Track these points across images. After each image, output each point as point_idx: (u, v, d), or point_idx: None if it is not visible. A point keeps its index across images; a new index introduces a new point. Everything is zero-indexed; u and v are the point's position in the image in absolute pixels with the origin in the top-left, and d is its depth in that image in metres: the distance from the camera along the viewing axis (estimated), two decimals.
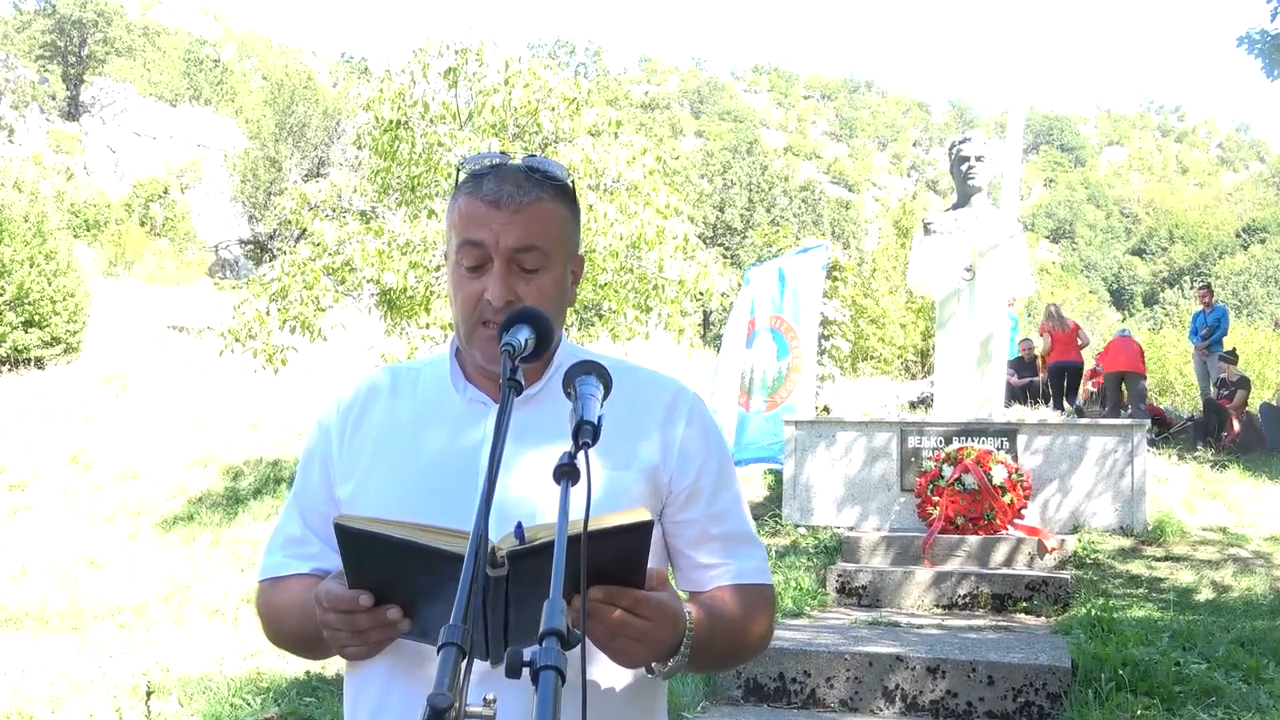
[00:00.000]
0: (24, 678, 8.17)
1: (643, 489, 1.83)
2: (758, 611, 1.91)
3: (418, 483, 1.80)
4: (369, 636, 1.63)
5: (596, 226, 12.59)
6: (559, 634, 1.26)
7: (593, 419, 1.50)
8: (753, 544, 1.95)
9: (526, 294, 1.79)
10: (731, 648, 1.88)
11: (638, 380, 1.93)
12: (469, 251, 1.80)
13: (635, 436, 1.86)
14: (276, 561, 1.97)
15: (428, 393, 1.93)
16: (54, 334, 27.33)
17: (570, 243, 1.88)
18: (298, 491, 1.99)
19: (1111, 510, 10.49)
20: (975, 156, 11.61)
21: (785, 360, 13.12)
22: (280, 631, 1.94)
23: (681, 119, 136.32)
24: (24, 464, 18.08)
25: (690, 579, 1.92)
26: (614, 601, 1.56)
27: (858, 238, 73.16)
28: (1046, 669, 6.15)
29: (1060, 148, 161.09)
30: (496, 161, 1.85)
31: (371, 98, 13.74)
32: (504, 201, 1.78)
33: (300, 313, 13.18)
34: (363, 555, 1.58)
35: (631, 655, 1.62)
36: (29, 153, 56.36)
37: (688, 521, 1.89)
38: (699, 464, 1.89)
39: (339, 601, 1.60)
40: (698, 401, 1.96)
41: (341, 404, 1.98)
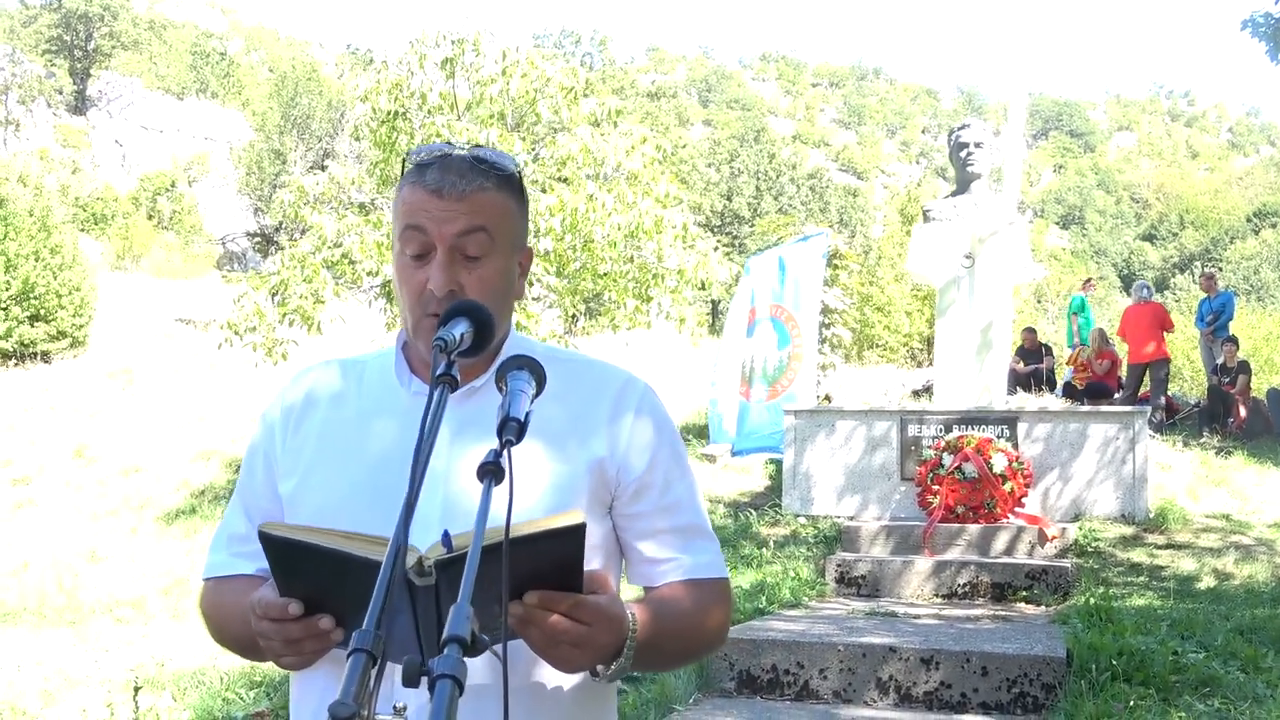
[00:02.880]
0: (19, 673, 8.17)
1: (588, 482, 1.79)
2: (711, 607, 1.86)
3: (361, 478, 1.76)
4: (302, 646, 1.59)
5: (595, 216, 12.56)
6: (461, 641, 1.23)
7: (519, 415, 1.46)
8: (706, 537, 1.90)
9: (469, 283, 1.75)
10: (682, 645, 1.84)
11: (587, 373, 1.90)
12: (411, 238, 1.77)
13: (582, 429, 1.82)
14: (221, 560, 1.93)
15: (373, 386, 1.89)
16: (60, 328, 27.39)
17: (516, 233, 1.84)
18: (242, 488, 1.96)
19: (1113, 498, 10.43)
20: (974, 143, 11.55)
21: (786, 349, 13.08)
22: (224, 634, 1.90)
23: (689, 108, 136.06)
24: (28, 458, 18.11)
25: (641, 574, 1.88)
26: (550, 606, 1.51)
27: (865, 225, 73.08)
28: (1041, 659, 6.10)
29: (1069, 133, 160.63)
30: (442, 152, 1.81)
31: (369, 89, 13.72)
32: (446, 190, 1.75)
33: (300, 306, 13.17)
34: (290, 564, 1.54)
35: (571, 660, 1.58)
36: (36, 147, 56.45)
37: (638, 515, 1.85)
38: (649, 456, 1.85)
39: (270, 609, 1.57)
40: (648, 393, 1.91)
41: (285, 398, 1.94)
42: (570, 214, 12.53)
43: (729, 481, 13.30)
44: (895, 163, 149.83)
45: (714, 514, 11.84)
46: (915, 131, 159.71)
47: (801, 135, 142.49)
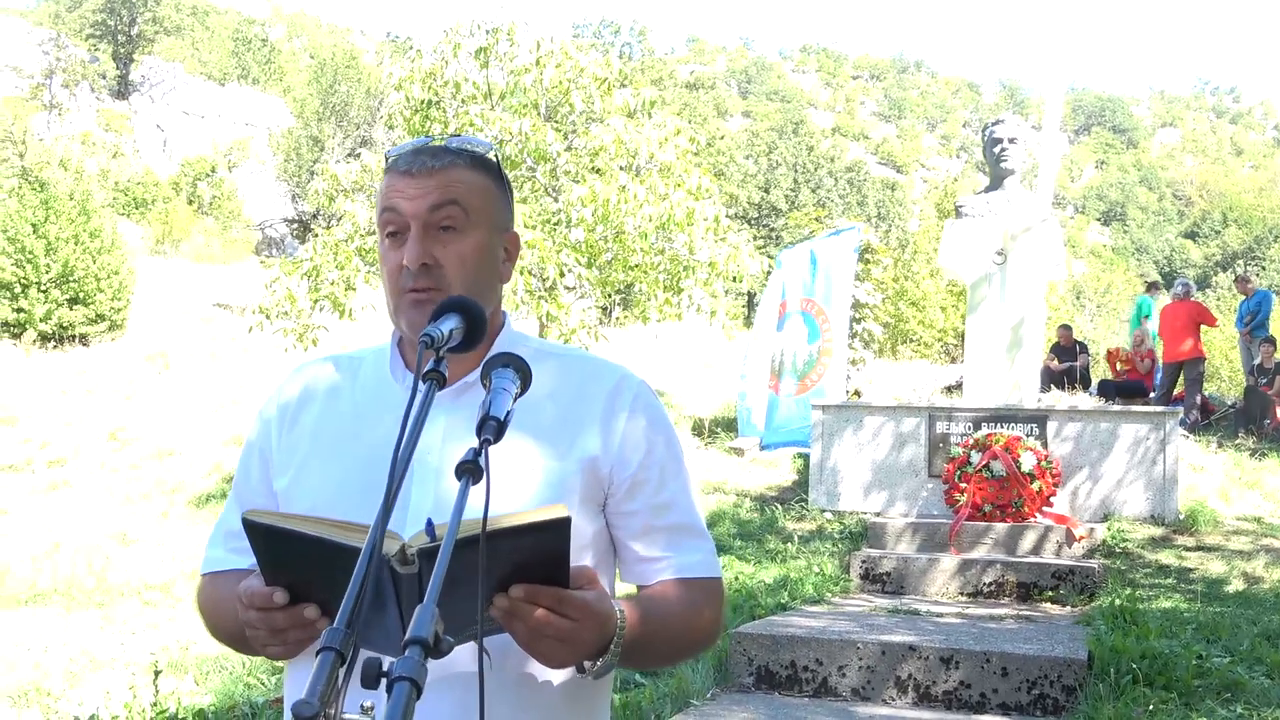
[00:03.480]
0: (45, 654, 8.25)
1: (581, 480, 1.78)
2: (701, 606, 1.85)
3: (354, 474, 1.76)
4: (287, 636, 1.59)
5: (627, 207, 12.55)
6: (423, 643, 1.22)
7: (499, 415, 1.46)
8: (699, 536, 1.89)
9: (445, 257, 1.76)
10: (674, 644, 1.84)
11: (583, 369, 1.90)
12: (387, 217, 1.79)
13: (576, 427, 1.81)
14: (217, 555, 1.94)
15: (368, 382, 1.89)
16: (99, 311, 27.63)
17: (495, 212, 1.84)
18: (238, 484, 1.97)
19: (1143, 498, 10.34)
20: (1008, 139, 11.46)
21: (816, 343, 13.04)
22: (218, 628, 1.91)
23: (729, 99, 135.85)
24: (64, 440, 18.29)
25: (634, 572, 1.88)
26: (536, 600, 1.51)
27: (903, 219, 72.72)
28: (1062, 661, 6.06)
29: (1112, 129, 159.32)
30: (420, 141, 1.82)
31: (403, 77, 13.75)
32: (416, 169, 1.77)
33: (331, 292, 13.24)
34: (273, 552, 1.54)
35: (555, 655, 1.57)
36: (79, 131, 56.94)
37: (631, 513, 1.84)
38: (642, 454, 1.84)
39: (256, 599, 1.57)
40: (643, 390, 1.90)
41: (280, 394, 1.95)
42: (602, 205, 12.52)
43: (757, 475, 13.27)
44: (935, 156, 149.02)
45: (740, 507, 11.83)
46: (956, 125, 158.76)
47: (841, 128, 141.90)
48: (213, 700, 6.73)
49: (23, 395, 21.41)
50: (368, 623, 1.44)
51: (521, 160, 13.49)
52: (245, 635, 1.65)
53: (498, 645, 1.61)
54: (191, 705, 6.45)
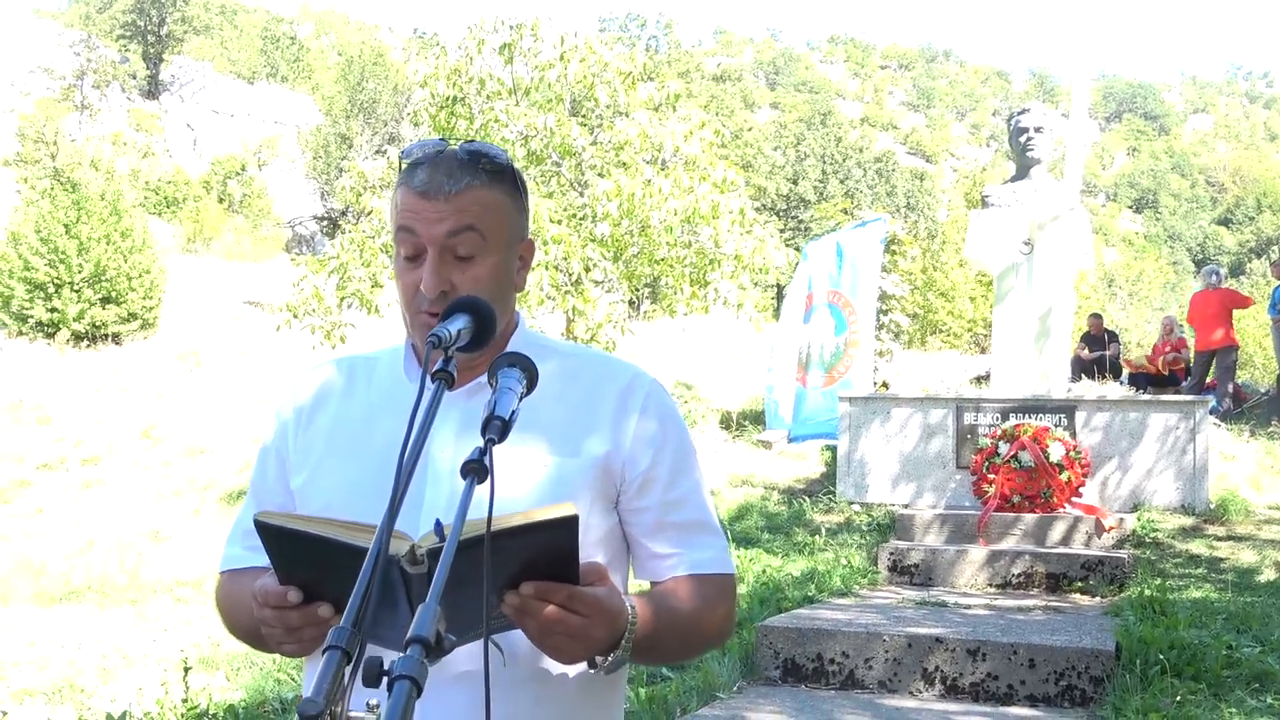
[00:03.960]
0: (79, 650, 8.34)
1: (593, 477, 1.80)
2: (714, 602, 1.86)
3: (368, 473, 1.78)
4: (302, 634, 1.60)
5: (652, 201, 12.54)
6: (424, 642, 1.24)
7: (504, 414, 1.47)
8: (711, 533, 1.90)
9: (462, 283, 1.76)
10: (685, 640, 1.86)
11: (595, 368, 1.91)
12: (404, 240, 1.78)
13: (587, 425, 1.82)
14: (235, 553, 1.96)
15: (382, 382, 1.90)
16: (130, 310, 27.84)
17: (511, 227, 1.84)
18: (255, 484, 1.99)
19: (1173, 488, 10.27)
20: (1034, 128, 11.39)
21: (843, 335, 13.01)
22: (235, 625, 1.93)
23: (756, 90, 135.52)
24: (98, 439, 18.46)
25: (647, 568, 1.89)
26: (546, 597, 1.52)
27: (932, 209, 72.39)
28: (1090, 652, 6.03)
29: (1143, 116, 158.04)
30: (435, 149, 1.81)
31: (428, 74, 13.79)
32: (434, 192, 1.75)
33: (358, 290, 13.31)
34: (286, 552, 1.56)
35: (566, 651, 1.59)
36: (110, 131, 57.35)
37: (642, 509, 1.85)
38: (653, 452, 1.85)
39: (270, 597, 1.59)
40: (655, 388, 1.91)
41: (295, 395, 1.96)
42: (627, 199, 12.52)
43: (784, 468, 13.26)
44: (965, 146, 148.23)
45: (768, 500, 11.82)
46: (985, 114, 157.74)
47: (869, 118, 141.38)
48: (243, 696, 6.79)
49: (57, 394, 21.62)
50: (381, 622, 1.46)
51: (547, 155, 13.51)
52: (261, 633, 1.67)
53: (512, 642, 1.62)
54: (222, 701, 6.51)
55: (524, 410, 1.55)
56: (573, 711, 1.77)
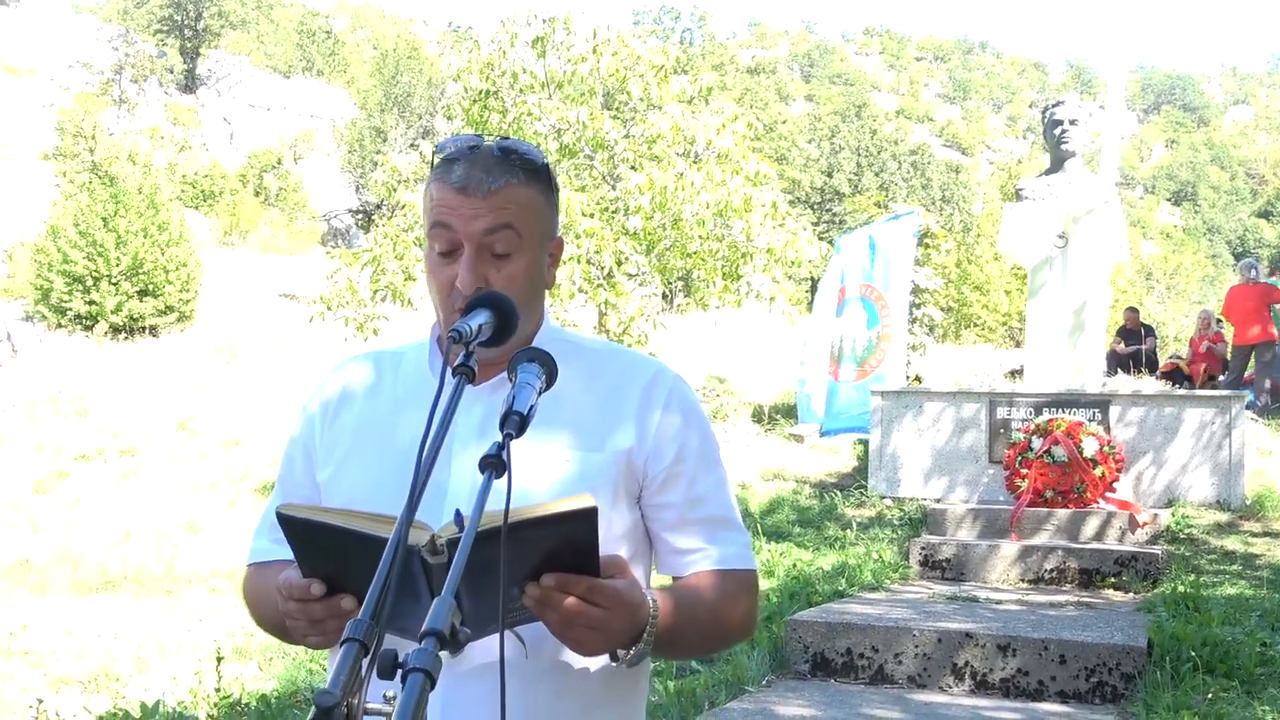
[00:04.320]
0: (115, 640, 8.42)
1: (615, 472, 1.80)
2: (736, 598, 1.87)
3: (394, 468, 1.78)
4: (325, 626, 1.62)
5: (684, 195, 12.53)
6: (439, 635, 1.25)
7: (522, 409, 1.48)
8: (734, 529, 1.91)
9: (497, 280, 1.77)
10: (706, 635, 1.86)
11: (618, 364, 1.91)
12: (439, 235, 1.78)
13: (611, 420, 1.83)
14: (263, 546, 1.98)
15: (409, 377, 1.91)
16: (168, 303, 28.05)
17: (544, 225, 1.85)
18: (282, 477, 2.00)
19: (1208, 484, 10.20)
20: (1069, 120, 11.32)
21: (875, 329, 12.97)
22: (261, 617, 1.95)
23: (791, 83, 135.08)
24: (135, 430, 18.63)
25: (669, 564, 1.90)
26: (567, 589, 1.53)
27: (968, 202, 71.97)
28: (1121, 648, 5.99)
29: (1182, 107, 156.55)
30: (470, 145, 1.82)
31: (461, 68, 13.83)
32: (472, 188, 1.75)
33: (391, 282, 13.37)
34: (308, 545, 1.58)
35: (587, 643, 1.60)
36: (147, 125, 57.76)
37: (665, 505, 1.86)
38: (677, 447, 1.85)
39: (294, 590, 1.60)
40: (679, 383, 1.92)
41: (323, 390, 1.98)
42: (659, 192, 12.52)
43: (816, 462, 13.24)
44: (1001, 138, 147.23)
45: (799, 494, 11.81)
46: (1022, 106, 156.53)
47: (905, 110, 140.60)
48: (276, 686, 6.85)
49: (95, 386, 21.83)
50: (404, 613, 1.48)
51: (579, 149, 13.52)
52: (286, 625, 1.68)
53: (534, 634, 1.63)
54: (255, 691, 6.57)
55: (548, 405, 1.56)
56: (594, 704, 1.78)
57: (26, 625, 9.47)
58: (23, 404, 21.43)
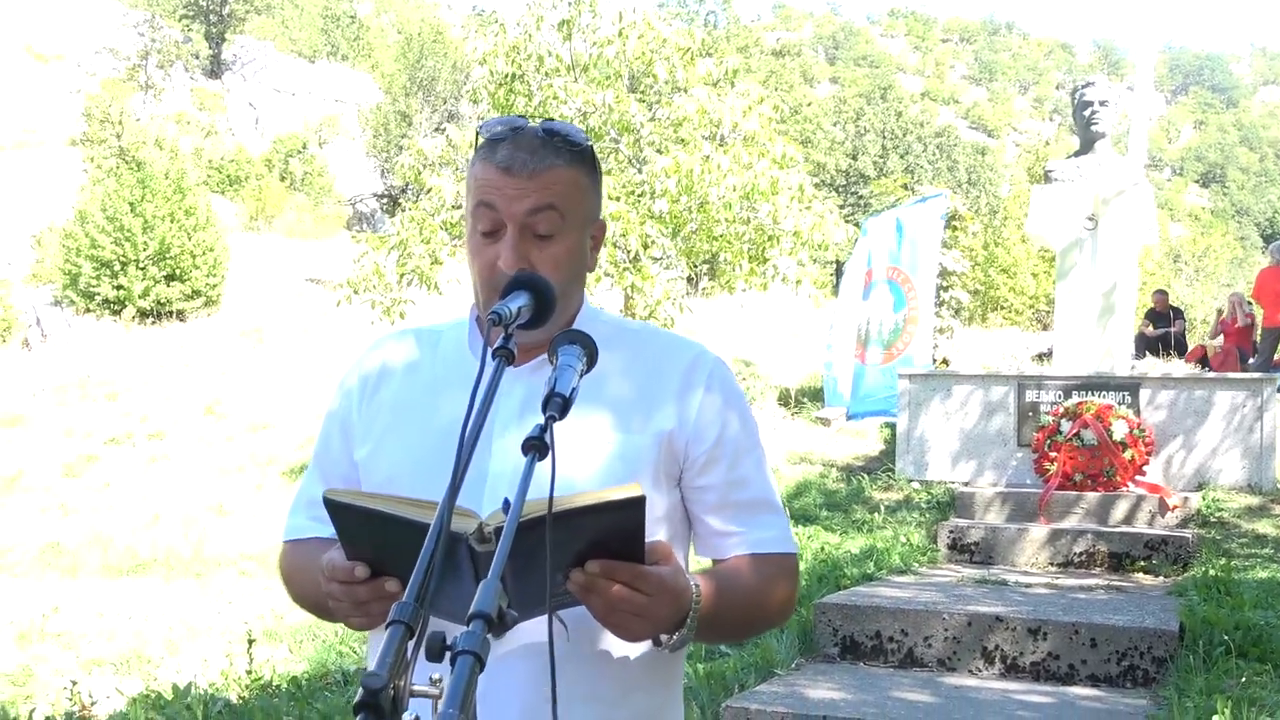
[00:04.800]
0: (146, 622, 8.48)
1: (656, 454, 1.81)
2: (776, 581, 1.87)
3: (431, 446, 1.79)
4: (370, 608, 1.62)
5: (710, 178, 12.50)
6: (487, 618, 1.25)
7: (564, 391, 1.48)
8: (774, 512, 1.91)
9: (540, 261, 1.77)
10: (747, 618, 1.87)
11: (659, 345, 1.91)
12: (483, 215, 1.78)
13: (651, 402, 1.83)
14: (299, 523, 2.00)
15: (448, 356, 1.92)
16: (194, 287, 28.21)
17: (587, 208, 1.85)
18: (319, 453, 2.01)
19: (1239, 467, 10.13)
20: (1099, 101, 11.23)
21: (902, 312, 12.93)
22: (299, 595, 1.97)
23: (816, 65, 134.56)
24: (163, 414, 18.74)
25: (709, 546, 1.90)
26: (612, 576, 1.54)
27: (994, 184, 71.60)
28: (1153, 632, 5.96)
29: (1211, 88, 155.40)
30: (515, 126, 1.82)
31: (487, 52, 13.81)
32: (516, 168, 1.75)
33: (418, 267, 13.39)
34: (354, 528, 1.58)
35: (631, 630, 1.60)
36: (173, 110, 58.00)
37: (706, 487, 1.86)
38: (717, 430, 1.86)
39: (338, 572, 1.61)
40: (719, 366, 1.92)
41: (361, 366, 1.99)
42: (685, 175, 12.49)
43: (843, 445, 13.21)
44: (1028, 120, 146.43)
45: (826, 478, 11.79)
46: (1049, 87, 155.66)
47: (930, 92, 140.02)
48: (306, 668, 6.89)
49: (123, 370, 21.97)
50: (450, 597, 1.48)
51: (605, 132, 13.50)
52: (327, 604, 1.69)
53: (576, 619, 1.63)
54: (286, 673, 6.61)
55: (589, 386, 1.56)
56: (634, 688, 1.79)
57: (58, 607, 9.56)
58: (52, 388, 21.60)
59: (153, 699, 5.79)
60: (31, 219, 38.12)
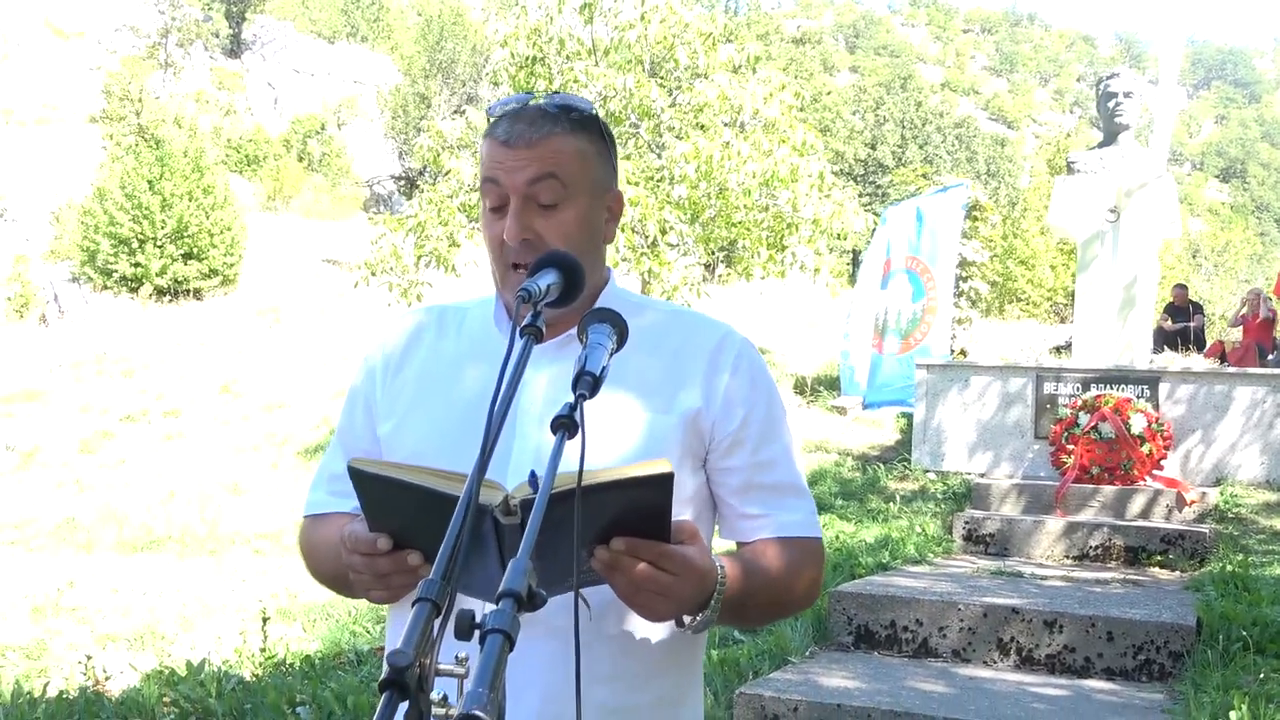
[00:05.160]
0: (160, 599, 8.51)
1: (682, 435, 1.79)
2: (801, 566, 1.85)
3: (455, 422, 1.78)
4: (391, 581, 1.61)
5: (730, 164, 12.47)
6: (517, 596, 1.22)
7: (594, 370, 1.47)
8: (800, 495, 1.89)
9: (546, 230, 1.76)
10: (771, 602, 1.85)
11: (686, 325, 1.90)
12: (489, 190, 1.78)
13: (678, 382, 1.82)
14: (320, 498, 1.98)
15: (473, 332, 1.91)
16: (212, 266, 28.27)
17: (597, 175, 1.83)
18: (341, 429, 2.00)
19: (1258, 463, 10.08)
20: (1123, 93, 11.16)
21: (920, 302, 12.88)
22: (319, 570, 1.95)
23: (836, 54, 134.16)
24: (179, 392, 18.79)
25: (734, 529, 1.88)
26: (636, 554, 1.52)
27: (1013, 176, 71.35)
28: (1169, 626, 5.93)
29: (1233, 83, 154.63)
30: (519, 102, 1.81)
31: (508, 34, 13.78)
32: (515, 140, 1.75)
33: (435, 248, 13.38)
34: (378, 499, 1.57)
35: (655, 609, 1.59)
36: (193, 89, 58.09)
37: (731, 469, 1.84)
38: (744, 412, 1.84)
39: (360, 544, 1.60)
40: (746, 347, 1.90)
41: (385, 342, 1.97)
42: (705, 161, 12.46)
43: (859, 434, 13.19)
44: (1048, 112, 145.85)
45: (842, 467, 11.77)
46: (1070, 79, 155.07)
47: (951, 83, 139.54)
48: (320, 647, 6.89)
49: (140, 348, 22.03)
50: (471, 570, 1.46)
51: (625, 117, 13.46)
52: (346, 577, 1.67)
53: (598, 598, 1.61)
54: (299, 651, 6.62)
55: (615, 366, 1.54)
56: (656, 670, 1.78)
57: (73, 582, 9.61)
58: (69, 364, 21.68)
59: (166, 675, 5.80)
60: (51, 195, 38.22)
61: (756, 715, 5.19)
